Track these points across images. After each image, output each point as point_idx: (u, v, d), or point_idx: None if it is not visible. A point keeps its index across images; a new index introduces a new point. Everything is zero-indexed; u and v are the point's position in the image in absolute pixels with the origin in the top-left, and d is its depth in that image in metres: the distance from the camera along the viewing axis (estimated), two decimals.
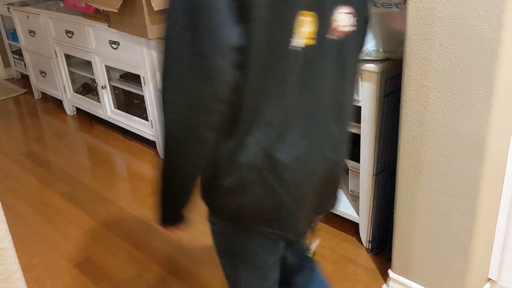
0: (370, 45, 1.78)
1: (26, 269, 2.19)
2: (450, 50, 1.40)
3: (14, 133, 3.70)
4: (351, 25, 0.98)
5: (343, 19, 0.95)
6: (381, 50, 1.78)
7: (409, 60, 1.51)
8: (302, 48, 0.90)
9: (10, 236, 0.79)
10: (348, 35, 0.98)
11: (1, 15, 4.62)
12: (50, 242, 2.37)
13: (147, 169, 2.98)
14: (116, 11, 2.37)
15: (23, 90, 4.56)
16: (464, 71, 1.40)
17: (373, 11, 1.87)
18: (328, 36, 0.94)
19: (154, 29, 2.41)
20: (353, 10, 0.97)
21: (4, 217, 0.76)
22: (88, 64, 3.48)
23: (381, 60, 1.81)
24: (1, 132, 3.74)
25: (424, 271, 1.75)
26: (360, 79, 1.84)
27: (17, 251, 2.74)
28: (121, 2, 2.31)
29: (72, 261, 2.22)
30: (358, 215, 2.13)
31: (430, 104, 1.50)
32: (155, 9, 2.27)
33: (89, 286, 2.06)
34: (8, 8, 4.04)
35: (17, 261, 0.80)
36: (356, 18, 0.99)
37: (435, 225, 1.65)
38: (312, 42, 0.91)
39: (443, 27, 1.39)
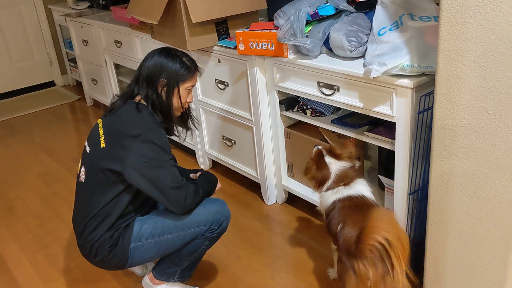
0: (405, 60, 1.72)
1: (64, 272, 2.27)
2: (485, 67, 1.33)
3: (66, 137, 3.87)
4: (82, 177, 1.87)
5: (81, 172, 1.88)
6: (416, 65, 1.71)
7: (441, 77, 1.44)
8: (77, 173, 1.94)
9: None
10: (82, 181, 1.87)
11: (60, 25, 4.85)
12: None
13: None
14: (156, 23, 2.42)
15: (77, 97, 4.76)
16: (499, 90, 1.32)
17: (410, 24, 1.81)
18: (80, 176, 1.89)
19: (193, 41, 2.44)
20: (84, 170, 1.85)
21: None
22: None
23: (416, 75, 1.74)
24: (54, 136, 3.92)
25: None
26: (394, 94, 1.78)
27: (58, 255, 2.83)
28: (161, 15, 2.35)
29: None
30: None
31: (463, 123, 1.43)
32: (194, 21, 2.30)
33: None
34: (65, 19, 4.24)
35: None
36: (87, 174, 1.84)
37: (469, 251, 1.56)
38: (77, 172, 1.93)
39: (477, 43, 1.32)
